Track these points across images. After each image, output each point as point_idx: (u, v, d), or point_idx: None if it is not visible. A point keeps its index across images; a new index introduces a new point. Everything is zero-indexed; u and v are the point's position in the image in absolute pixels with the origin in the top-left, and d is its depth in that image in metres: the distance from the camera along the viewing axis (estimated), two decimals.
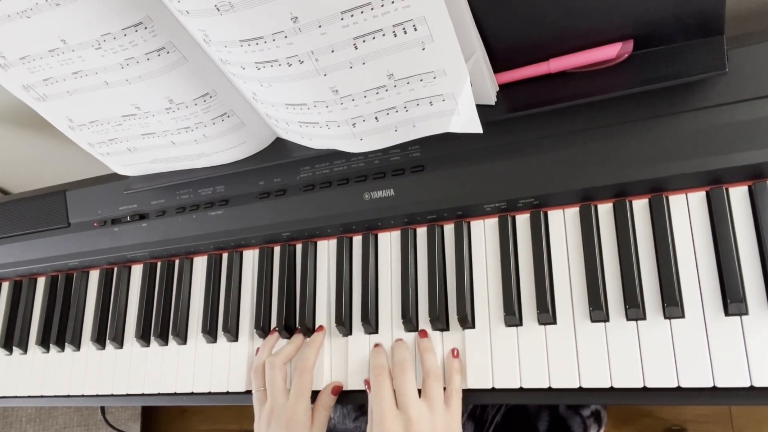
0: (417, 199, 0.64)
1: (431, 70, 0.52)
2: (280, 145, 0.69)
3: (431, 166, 0.63)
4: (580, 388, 0.55)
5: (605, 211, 0.59)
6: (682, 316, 0.54)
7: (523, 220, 0.62)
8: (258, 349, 0.71)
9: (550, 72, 0.56)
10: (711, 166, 0.53)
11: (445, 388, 0.60)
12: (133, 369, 0.78)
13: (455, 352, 0.61)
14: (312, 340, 0.68)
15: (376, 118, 0.58)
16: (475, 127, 0.56)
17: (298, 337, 0.69)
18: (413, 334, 0.64)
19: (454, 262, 0.64)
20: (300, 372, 0.65)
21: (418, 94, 0.55)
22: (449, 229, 0.65)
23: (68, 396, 0.82)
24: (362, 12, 0.48)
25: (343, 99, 0.56)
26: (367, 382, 0.64)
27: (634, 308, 0.54)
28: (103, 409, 1.24)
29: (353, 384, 0.65)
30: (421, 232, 0.67)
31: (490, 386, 0.59)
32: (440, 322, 0.62)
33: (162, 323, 0.78)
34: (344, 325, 0.67)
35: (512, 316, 0.59)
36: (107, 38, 0.54)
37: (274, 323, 0.72)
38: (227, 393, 0.72)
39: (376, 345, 0.65)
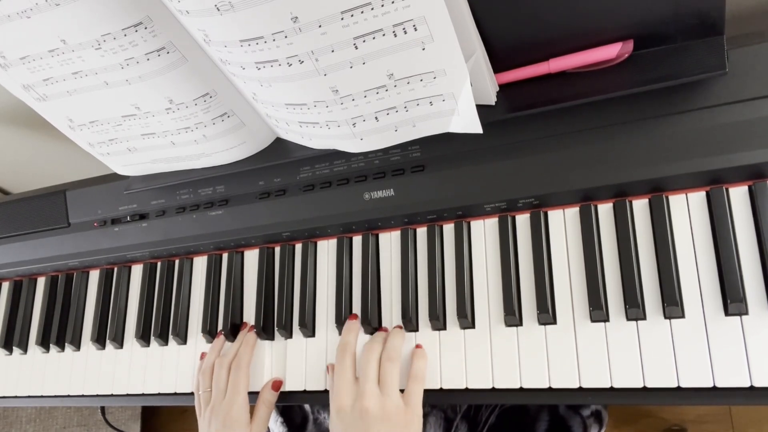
0: (417, 199, 0.64)
1: (431, 70, 0.52)
2: (280, 145, 0.69)
3: (431, 166, 0.63)
4: (580, 388, 0.55)
5: (605, 211, 0.59)
6: (682, 316, 0.54)
7: (523, 220, 0.62)
8: (203, 353, 0.73)
9: (550, 72, 0.56)
10: (711, 166, 0.53)
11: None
12: (133, 369, 0.78)
13: (419, 345, 0.63)
14: (246, 340, 0.70)
15: (376, 118, 0.58)
16: (475, 127, 0.56)
17: (239, 338, 0.71)
18: (413, 335, 0.64)
19: (454, 262, 0.64)
20: (235, 369, 0.67)
21: (418, 94, 0.55)
22: (449, 229, 0.65)
23: (68, 396, 0.82)
24: (362, 12, 0.48)
25: (343, 99, 0.56)
26: (328, 368, 0.66)
27: (634, 308, 0.54)
28: (103, 409, 1.24)
29: None
30: (421, 232, 0.67)
31: (490, 386, 0.59)
32: (440, 322, 0.62)
33: (162, 323, 0.78)
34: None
35: (512, 316, 0.59)
36: (107, 38, 0.54)
37: (274, 323, 0.72)
38: None
39: (351, 317, 0.66)
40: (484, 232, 0.64)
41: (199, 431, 0.68)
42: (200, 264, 0.79)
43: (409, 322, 0.64)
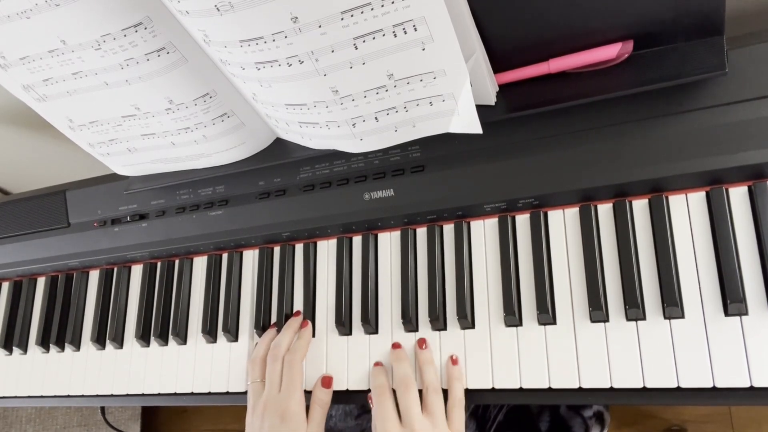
0: (417, 199, 0.64)
1: (431, 70, 0.52)
2: (280, 145, 0.69)
3: (431, 166, 0.63)
4: (580, 389, 0.55)
5: (605, 211, 0.59)
6: (682, 316, 0.54)
7: (523, 220, 0.62)
8: (256, 344, 0.71)
9: (550, 72, 0.56)
10: (711, 166, 0.53)
11: (447, 400, 0.60)
12: (133, 369, 0.78)
13: (454, 359, 0.61)
14: (302, 334, 0.68)
15: (376, 118, 0.58)
16: (474, 127, 0.56)
17: (291, 326, 0.68)
18: (412, 335, 0.64)
19: (453, 263, 0.64)
20: (289, 362, 0.65)
21: (418, 94, 0.55)
22: (449, 229, 0.65)
23: (68, 396, 0.82)
24: (362, 12, 0.48)
25: (343, 99, 0.56)
26: (369, 398, 0.63)
27: (634, 308, 0.54)
28: (103, 409, 1.24)
29: (353, 384, 0.65)
30: (421, 232, 0.67)
31: (490, 386, 0.59)
32: (440, 323, 0.62)
33: (162, 323, 0.78)
34: (344, 326, 0.67)
35: (512, 316, 0.59)
36: (107, 39, 0.54)
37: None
38: (227, 393, 0.72)
39: (376, 364, 0.64)
40: (484, 232, 0.64)
41: (248, 424, 0.65)
42: (200, 264, 0.79)
43: (409, 323, 0.64)
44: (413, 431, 0.57)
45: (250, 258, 0.76)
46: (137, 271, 0.83)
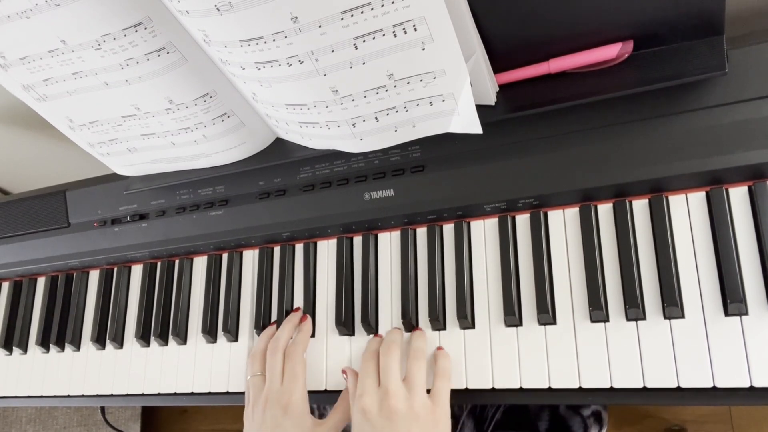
0: (417, 199, 0.64)
1: (431, 70, 0.52)
2: (280, 145, 0.69)
3: (431, 166, 0.63)
4: (580, 389, 0.55)
5: (605, 211, 0.59)
6: (682, 316, 0.54)
7: (523, 220, 0.62)
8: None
9: (550, 72, 0.56)
10: (711, 166, 0.53)
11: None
12: (133, 369, 0.78)
13: (440, 348, 0.62)
14: (302, 328, 0.68)
15: (376, 118, 0.58)
16: (474, 127, 0.56)
17: (291, 320, 0.68)
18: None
19: (453, 263, 0.64)
20: (291, 355, 0.65)
21: (418, 94, 0.55)
22: (449, 229, 0.65)
23: (68, 396, 0.82)
24: (362, 12, 0.48)
25: (343, 99, 0.56)
26: (344, 372, 0.64)
27: (634, 308, 0.54)
28: (103, 409, 1.24)
29: None
30: (421, 232, 0.67)
31: (490, 386, 0.59)
32: (440, 323, 0.62)
33: (162, 323, 0.78)
34: (344, 326, 0.67)
35: (512, 316, 0.59)
36: (107, 39, 0.54)
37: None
38: (227, 393, 0.72)
39: (375, 335, 0.65)
40: (484, 232, 0.64)
41: (246, 418, 0.64)
42: (200, 264, 0.79)
43: (409, 323, 0.64)
44: (387, 390, 0.57)
45: (250, 258, 0.76)
46: (137, 271, 0.83)
